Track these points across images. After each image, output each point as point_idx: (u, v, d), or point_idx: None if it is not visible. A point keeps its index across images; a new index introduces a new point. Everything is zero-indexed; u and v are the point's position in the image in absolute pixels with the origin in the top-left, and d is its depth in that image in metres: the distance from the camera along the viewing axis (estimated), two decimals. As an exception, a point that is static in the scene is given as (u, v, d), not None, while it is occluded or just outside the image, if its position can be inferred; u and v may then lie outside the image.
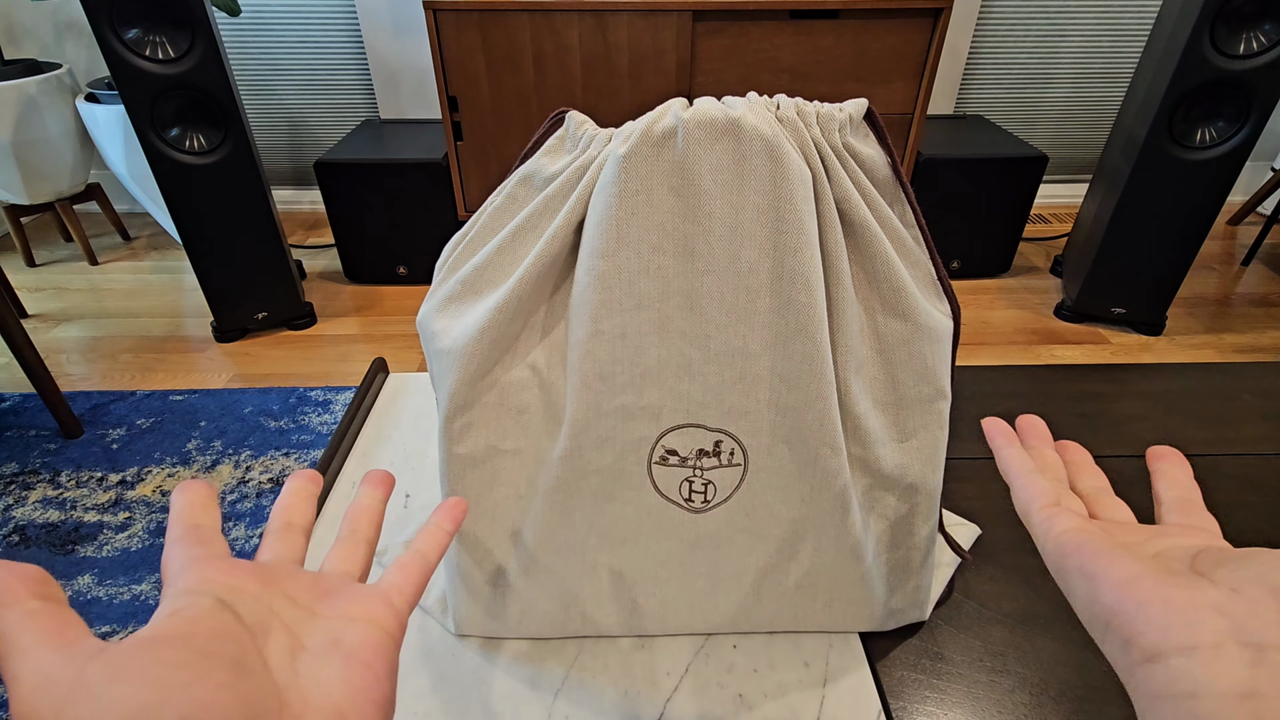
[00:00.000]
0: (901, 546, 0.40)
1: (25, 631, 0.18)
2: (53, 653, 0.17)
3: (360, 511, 0.28)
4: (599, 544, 0.39)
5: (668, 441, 0.36)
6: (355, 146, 1.99)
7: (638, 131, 0.31)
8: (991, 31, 2.34)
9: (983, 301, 2.04)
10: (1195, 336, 1.89)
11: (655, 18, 1.67)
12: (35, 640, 0.18)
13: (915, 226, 0.36)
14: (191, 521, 0.24)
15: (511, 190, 0.36)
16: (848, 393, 0.35)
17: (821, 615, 0.42)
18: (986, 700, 0.40)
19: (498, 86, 1.77)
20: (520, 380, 0.36)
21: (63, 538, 1.30)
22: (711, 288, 0.33)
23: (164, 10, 1.48)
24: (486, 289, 0.35)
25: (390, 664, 0.22)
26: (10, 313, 1.43)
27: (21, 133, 1.98)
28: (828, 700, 0.40)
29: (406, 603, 0.25)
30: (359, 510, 0.28)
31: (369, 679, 0.21)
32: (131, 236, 2.42)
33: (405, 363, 1.79)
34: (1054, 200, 2.63)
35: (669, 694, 0.40)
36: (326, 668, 0.20)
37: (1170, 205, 1.69)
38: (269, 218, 1.75)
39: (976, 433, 0.60)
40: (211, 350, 1.84)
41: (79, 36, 2.27)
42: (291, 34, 2.32)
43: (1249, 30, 1.50)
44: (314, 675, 0.20)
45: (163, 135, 1.58)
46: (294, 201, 2.61)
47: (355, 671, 0.21)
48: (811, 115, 0.33)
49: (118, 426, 1.56)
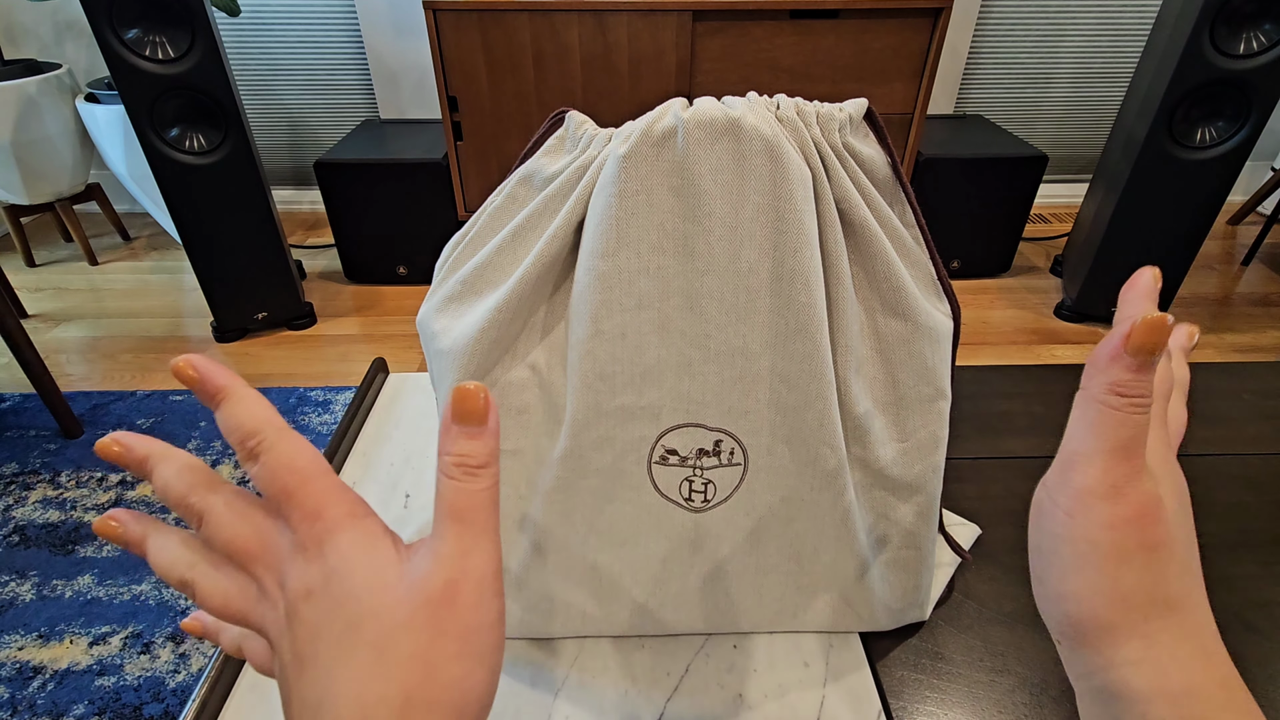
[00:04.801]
0: (901, 546, 0.40)
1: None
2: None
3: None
4: (599, 543, 0.39)
5: (668, 441, 0.36)
6: (355, 146, 1.99)
7: (638, 131, 0.31)
8: (991, 31, 2.34)
9: (983, 301, 2.04)
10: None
11: (655, 18, 1.66)
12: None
13: (915, 226, 0.36)
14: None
15: (511, 190, 0.36)
16: (848, 393, 0.35)
17: (821, 615, 0.42)
18: (986, 700, 0.40)
19: (498, 86, 1.77)
20: (520, 380, 0.36)
21: (63, 538, 1.30)
22: (711, 287, 0.33)
23: (164, 10, 1.48)
24: (486, 289, 0.35)
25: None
26: (10, 313, 1.43)
27: (21, 133, 1.98)
28: (828, 700, 0.40)
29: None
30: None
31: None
32: (131, 236, 2.43)
33: (405, 363, 1.79)
34: (1054, 200, 2.63)
35: (669, 694, 0.40)
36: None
37: (1170, 205, 1.69)
38: (269, 218, 1.75)
39: (977, 432, 0.60)
40: (211, 350, 1.84)
41: (79, 36, 2.27)
42: (291, 34, 2.32)
43: (1249, 30, 1.50)
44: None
45: (163, 135, 1.58)
46: (294, 201, 2.61)
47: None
48: (811, 115, 0.33)
49: (118, 426, 1.56)
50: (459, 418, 0.22)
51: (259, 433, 0.22)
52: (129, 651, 1.11)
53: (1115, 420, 0.22)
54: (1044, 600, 0.24)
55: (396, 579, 0.22)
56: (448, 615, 0.21)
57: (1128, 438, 0.22)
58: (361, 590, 0.21)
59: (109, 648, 1.11)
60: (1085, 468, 0.22)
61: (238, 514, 0.23)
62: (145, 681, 1.07)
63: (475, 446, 0.22)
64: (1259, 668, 0.41)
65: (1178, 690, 0.21)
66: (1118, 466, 0.22)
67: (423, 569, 0.22)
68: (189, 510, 0.23)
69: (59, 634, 1.13)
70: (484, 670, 0.22)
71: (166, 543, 0.24)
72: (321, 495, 0.22)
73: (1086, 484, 0.22)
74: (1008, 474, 0.55)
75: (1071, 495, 0.22)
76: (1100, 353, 0.22)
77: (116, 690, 1.05)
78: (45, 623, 1.15)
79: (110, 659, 1.10)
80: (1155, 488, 0.22)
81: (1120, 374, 0.21)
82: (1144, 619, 0.22)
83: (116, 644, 1.12)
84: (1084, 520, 0.22)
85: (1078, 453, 0.23)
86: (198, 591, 0.24)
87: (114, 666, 1.09)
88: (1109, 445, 0.22)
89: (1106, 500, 0.22)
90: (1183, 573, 0.23)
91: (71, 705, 1.04)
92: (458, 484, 0.22)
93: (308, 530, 0.22)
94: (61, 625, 1.15)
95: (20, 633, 1.14)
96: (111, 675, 1.08)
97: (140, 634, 1.13)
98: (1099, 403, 0.22)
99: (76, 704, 1.04)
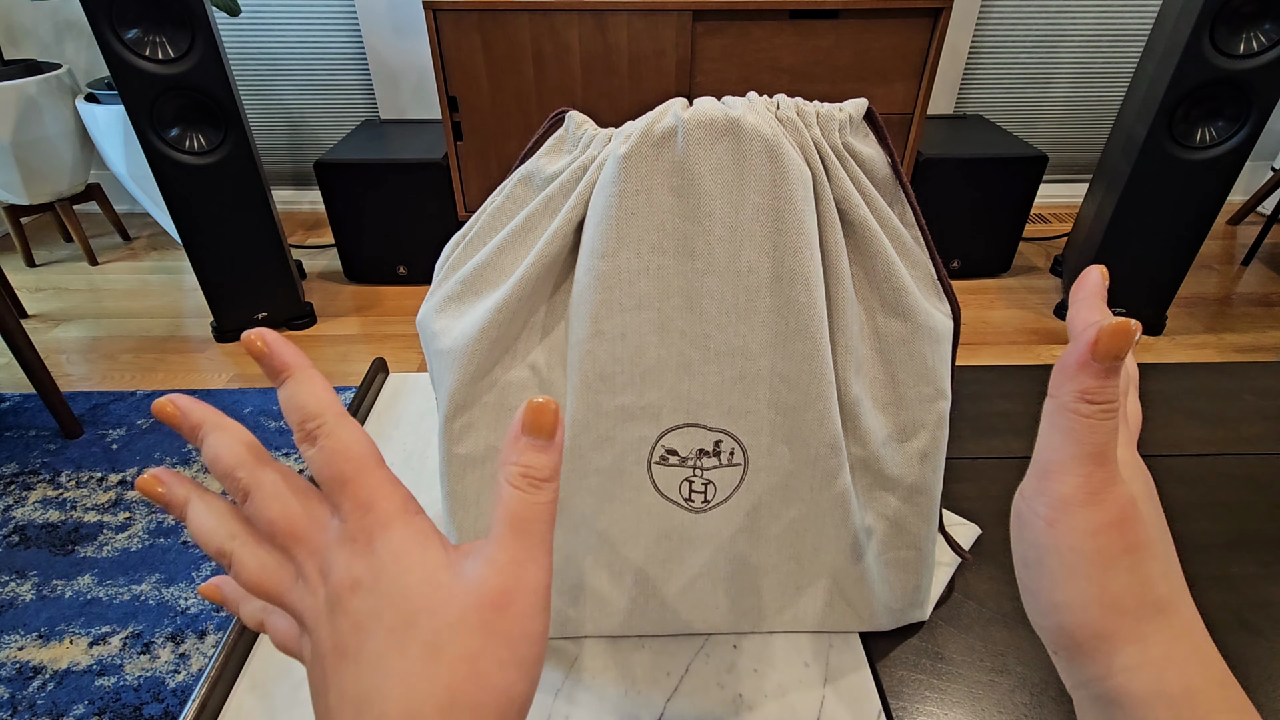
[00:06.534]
0: (901, 546, 0.40)
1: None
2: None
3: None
4: (599, 544, 0.39)
5: (668, 441, 0.36)
6: (355, 146, 1.99)
7: (638, 131, 0.31)
8: (991, 31, 2.34)
9: (983, 301, 2.04)
10: (1195, 336, 1.89)
11: (655, 18, 1.66)
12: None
13: (915, 226, 0.36)
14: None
15: (511, 190, 0.36)
16: (848, 393, 0.35)
17: (821, 615, 0.42)
18: (986, 700, 0.40)
19: (498, 86, 1.77)
20: (520, 380, 0.36)
21: (63, 538, 1.30)
22: (711, 287, 0.33)
23: (164, 10, 1.48)
24: (486, 289, 0.35)
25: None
26: (10, 313, 1.43)
27: (21, 133, 1.98)
28: (828, 700, 0.40)
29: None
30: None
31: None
32: (131, 236, 2.43)
33: (405, 363, 1.79)
34: (1054, 200, 2.63)
35: (669, 694, 0.40)
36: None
37: (1170, 205, 1.69)
38: (269, 218, 1.75)
39: (977, 433, 0.60)
40: (211, 350, 1.84)
41: (79, 36, 2.27)
42: (291, 34, 2.32)
43: (1249, 30, 1.50)
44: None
45: (163, 135, 1.58)
46: (294, 201, 2.61)
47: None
48: (811, 115, 0.33)
49: (118, 426, 1.56)
50: (529, 430, 0.22)
51: (319, 416, 0.22)
52: (129, 651, 1.11)
53: (1088, 427, 0.22)
54: (1036, 613, 0.24)
55: (449, 580, 0.22)
56: (500, 621, 0.21)
57: (1101, 443, 0.22)
58: (414, 588, 0.21)
59: (109, 648, 1.11)
60: (1063, 476, 0.22)
61: (285, 494, 0.23)
62: (145, 681, 1.07)
63: (541, 460, 0.22)
64: (1259, 668, 0.41)
65: (1177, 692, 0.21)
66: (1095, 472, 0.22)
67: (478, 573, 0.22)
68: (235, 484, 0.24)
69: (59, 634, 1.13)
70: (526, 681, 0.22)
71: (209, 510, 0.24)
72: (376, 487, 0.22)
73: (1065, 492, 0.22)
74: (1008, 474, 0.55)
75: (1051, 504, 0.23)
76: (1068, 361, 0.22)
77: (116, 690, 1.05)
78: (45, 623, 1.15)
79: (110, 659, 1.10)
80: (1129, 489, 0.23)
81: (1089, 381, 0.22)
82: (1136, 623, 0.22)
83: (116, 644, 1.12)
84: (1066, 529, 0.22)
85: (1053, 461, 0.23)
86: (235, 563, 0.24)
87: (114, 666, 1.09)
88: (1084, 452, 0.22)
89: (1086, 507, 0.22)
90: (1167, 571, 0.23)
91: (71, 705, 1.04)
92: (521, 494, 0.22)
93: (358, 521, 0.22)
94: (61, 625, 1.15)
95: (20, 633, 1.14)
96: (111, 675, 1.08)
97: (140, 634, 1.13)
98: (1070, 411, 0.22)
99: (76, 704, 1.04)
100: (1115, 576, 0.22)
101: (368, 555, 0.22)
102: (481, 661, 0.21)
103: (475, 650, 0.21)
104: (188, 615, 1.16)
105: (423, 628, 0.21)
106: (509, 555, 0.22)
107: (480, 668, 0.21)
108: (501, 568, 0.22)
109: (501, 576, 0.22)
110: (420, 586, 0.21)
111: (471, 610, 0.21)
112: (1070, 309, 0.26)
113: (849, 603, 0.42)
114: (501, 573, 0.22)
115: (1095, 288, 0.26)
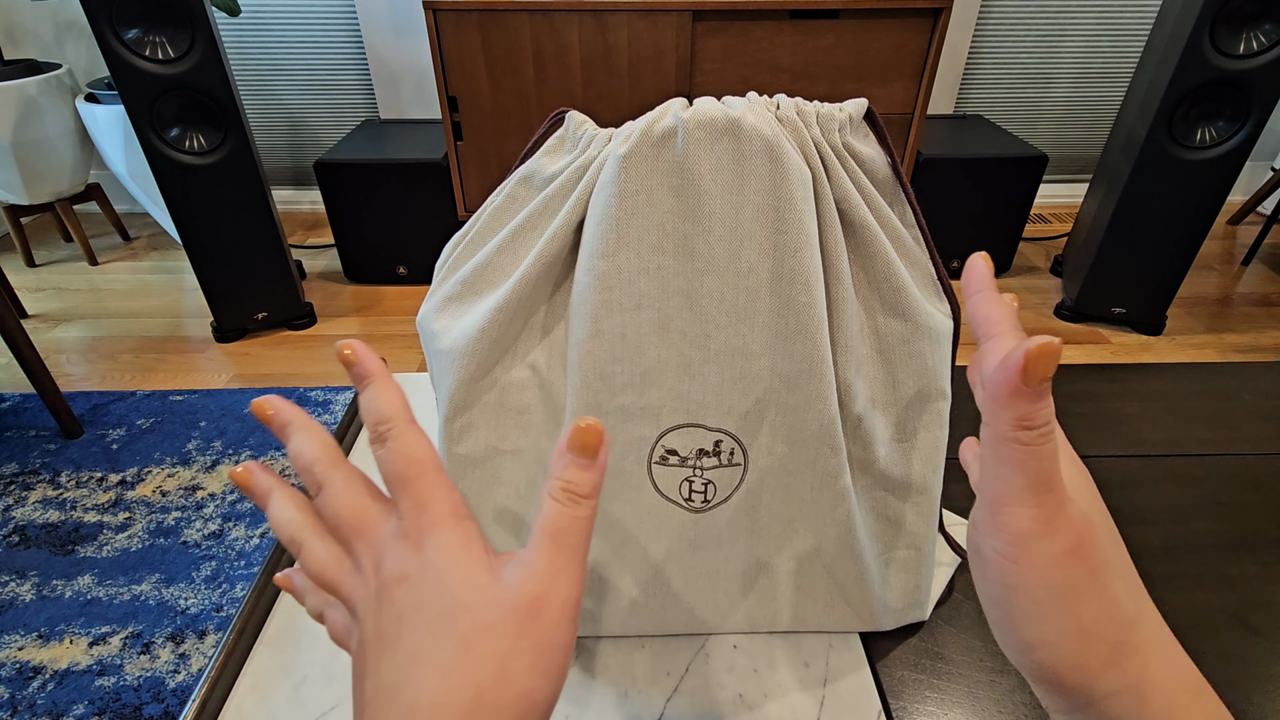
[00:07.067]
0: (901, 546, 0.40)
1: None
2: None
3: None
4: (599, 544, 0.39)
5: (668, 441, 0.36)
6: (355, 146, 1.99)
7: (638, 131, 0.31)
8: (991, 31, 2.34)
9: (983, 301, 2.03)
10: (1195, 336, 1.89)
11: (655, 18, 1.67)
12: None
13: (915, 226, 0.36)
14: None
15: (511, 190, 0.36)
16: (848, 393, 0.35)
17: (821, 615, 0.42)
18: (986, 700, 0.40)
19: (498, 86, 1.77)
20: (520, 380, 0.36)
21: (63, 538, 1.30)
22: (711, 287, 0.33)
23: (164, 10, 1.48)
24: (486, 289, 0.35)
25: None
26: (10, 313, 1.43)
27: (21, 133, 1.98)
28: (828, 700, 0.40)
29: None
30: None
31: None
32: (131, 236, 2.43)
33: (405, 363, 1.79)
34: (1054, 200, 2.63)
35: (669, 694, 0.40)
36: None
37: (1170, 205, 1.69)
38: (269, 218, 1.75)
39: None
40: (211, 350, 1.84)
41: (79, 36, 2.27)
42: (291, 34, 2.32)
43: (1249, 30, 1.50)
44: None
45: (163, 135, 1.58)
46: (294, 201, 2.61)
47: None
48: (811, 115, 0.33)
49: (118, 427, 1.56)
50: (575, 448, 0.23)
51: (391, 420, 0.24)
52: (129, 651, 1.11)
53: (1031, 454, 0.22)
54: (1011, 650, 0.24)
55: (489, 582, 0.23)
56: (531, 627, 0.22)
57: (1046, 469, 0.22)
58: (455, 586, 0.22)
59: (109, 648, 1.11)
60: (1015, 509, 0.22)
61: (352, 491, 0.25)
62: (145, 681, 1.07)
63: (584, 477, 0.23)
64: (1259, 668, 0.41)
65: (1159, 710, 0.22)
66: (1046, 500, 0.22)
67: (515, 578, 0.23)
68: (311, 478, 0.26)
69: (59, 634, 1.13)
70: (549, 689, 0.22)
71: (288, 501, 0.26)
72: (432, 489, 0.24)
73: (1021, 526, 0.22)
74: (1008, 474, 0.55)
75: (1008, 540, 0.22)
76: (998, 391, 0.22)
77: (116, 690, 1.05)
78: (45, 623, 1.15)
79: (110, 659, 1.10)
80: (1080, 508, 0.23)
81: (1024, 406, 0.21)
82: (1112, 648, 0.22)
83: (116, 644, 1.12)
84: (1029, 564, 0.22)
85: (1002, 494, 0.22)
86: (303, 550, 0.26)
87: (114, 666, 1.09)
88: (1031, 481, 0.22)
89: (1044, 539, 0.22)
90: (1128, 584, 0.23)
91: (71, 705, 1.04)
92: (561, 507, 0.23)
93: (414, 519, 0.24)
94: (61, 625, 1.15)
95: (20, 633, 1.14)
96: (111, 675, 1.08)
97: (140, 634, 1.13)
98: (1011, 440, 0.22)
99: (76, 704, 1.04)
100: (1086, 606, 0.22)
101: (418, 552, 0.23)
102: (510, 663, 0.21)
103: (505, 651, 0.21)
104: (188, 615, 1.16)
105: (460, 624, 0.22)
106: (546, 564, 0.23)
107: (508, 669, 0.21)
108: (538, 575, 0.23)
109: (537, 583, 0.22)
110: (462, 585, 0.22)
111: (506, 613, 0.22)
112: (967, 303, 0.26)
113: (849, 603, 0.42)
114: (538, 580, 0.22)
115: (986, 277, 0.26)
